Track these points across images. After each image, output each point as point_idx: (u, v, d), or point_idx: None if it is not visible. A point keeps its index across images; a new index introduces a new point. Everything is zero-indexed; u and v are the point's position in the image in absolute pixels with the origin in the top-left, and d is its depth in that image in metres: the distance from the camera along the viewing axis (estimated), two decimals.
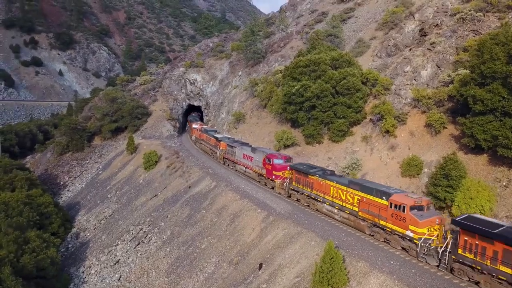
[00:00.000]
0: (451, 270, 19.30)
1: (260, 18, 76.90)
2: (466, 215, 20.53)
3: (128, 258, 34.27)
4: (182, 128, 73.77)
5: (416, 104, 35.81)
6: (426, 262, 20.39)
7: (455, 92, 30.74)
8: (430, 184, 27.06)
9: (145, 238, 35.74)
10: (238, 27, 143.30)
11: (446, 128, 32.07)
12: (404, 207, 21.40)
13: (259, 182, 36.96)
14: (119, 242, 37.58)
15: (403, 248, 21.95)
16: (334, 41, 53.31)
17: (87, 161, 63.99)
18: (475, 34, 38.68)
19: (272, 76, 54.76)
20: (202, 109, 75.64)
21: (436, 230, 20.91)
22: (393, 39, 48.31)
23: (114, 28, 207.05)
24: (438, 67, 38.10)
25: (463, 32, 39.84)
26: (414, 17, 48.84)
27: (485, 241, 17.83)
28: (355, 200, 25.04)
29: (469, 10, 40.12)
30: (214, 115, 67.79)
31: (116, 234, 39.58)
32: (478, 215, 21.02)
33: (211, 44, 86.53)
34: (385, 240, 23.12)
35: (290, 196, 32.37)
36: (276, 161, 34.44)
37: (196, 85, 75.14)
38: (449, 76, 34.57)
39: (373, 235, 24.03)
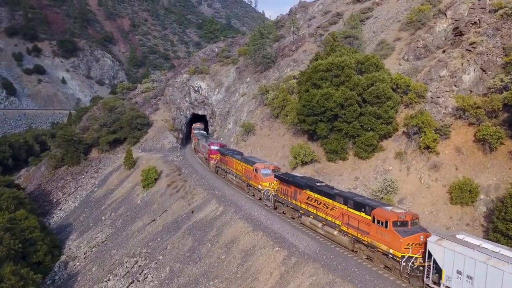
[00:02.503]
0: (275, 208, 30.88)
1: (269, 20, 71.73)
2: (285, 172, 32.74)
3: None
4: (186, 139, 68.52)
5: (460, 114, 30.11)
6: (265, 204, 32.08)
7: None
8: (497, 218, 21.25)
9: (140, 274, 30.23)
10: (243, 33, 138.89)
11: (503, 144, 26.33)
12: (258, 169, 33.34)
13: (207, 164, 48.60)
14: (110, 278, 32.12)
15: (260, 199, 33.37)
16: (354, 43, 47.91)
17: (83, 176, 58.96)
18: None
19: (285, 83, 49.43)
20: (207, 119, 70.37)
21: (274, 184, 31.54)
22: (422, 39, 42.79)
23: (118, 35, 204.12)
24: (483, 70, 32.39)
25: (509, 30, 34.19)
26: (446, 15, 43.37)
27: (287, 186, 28.66)
28: (243, 170, 36.42)
29: None
30: (220, 125, 62.50)
31: (108, 266, 34.16)
32: (291, 172, 33.26)
33: (216, 49, 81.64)
34: (253, 194, 34.67)
35: (217, 172, 44.36)
36: (212, 147, 46.08)
37: (200, 92, 70.08)
38: (502, 81, 28.86)
39: (248, 192, 35.66)
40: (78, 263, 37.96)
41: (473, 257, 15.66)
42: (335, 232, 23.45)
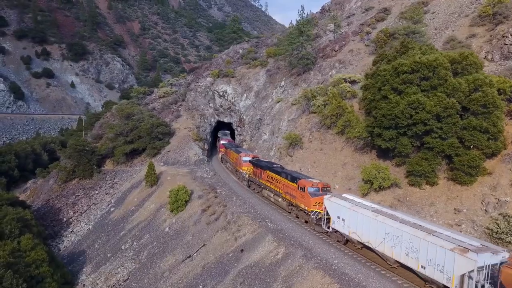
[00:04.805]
0: (249, 186, 40.51)
1: (307, 16, 64.60)
2: (257, 158, 41.13)
3: None
4: (211, 149, 61.46)
5: None
6: (243, 183, 42.30)
7: None
8: None
9: None
10: (254, 37, 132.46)
11: None
12: (240, 157, 43.05)
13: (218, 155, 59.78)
14: None
15: (242, 181, 43.15)
16: (418, 41, 40.57)
17: (96, 192, 52.03)
18: None
19: (334, 86, 42.20)
20: (234, 127, 63.31)
21: (250, 168, 40.33)
22: (511, 35, 35.41)
23: (128, 39, 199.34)
24: None
25: None
26: None
27: (256, 168, 37.52)
28: (234, 158, 46.28)
29: None
30: (251, 134, 55.37)
31: None
32: (261, 158, 42.38)
33: (240, 51, 74.85)
34: (239, 177, 44.75)
35: (222, 161, 55.46)
36: (222, 142, 57.36)
37: (226, 98, 63.14)
38: None
39: (236, 174, 46.16)
40: None
41: (345, 206, 23.32)
42: (280, 199, 31.87)
